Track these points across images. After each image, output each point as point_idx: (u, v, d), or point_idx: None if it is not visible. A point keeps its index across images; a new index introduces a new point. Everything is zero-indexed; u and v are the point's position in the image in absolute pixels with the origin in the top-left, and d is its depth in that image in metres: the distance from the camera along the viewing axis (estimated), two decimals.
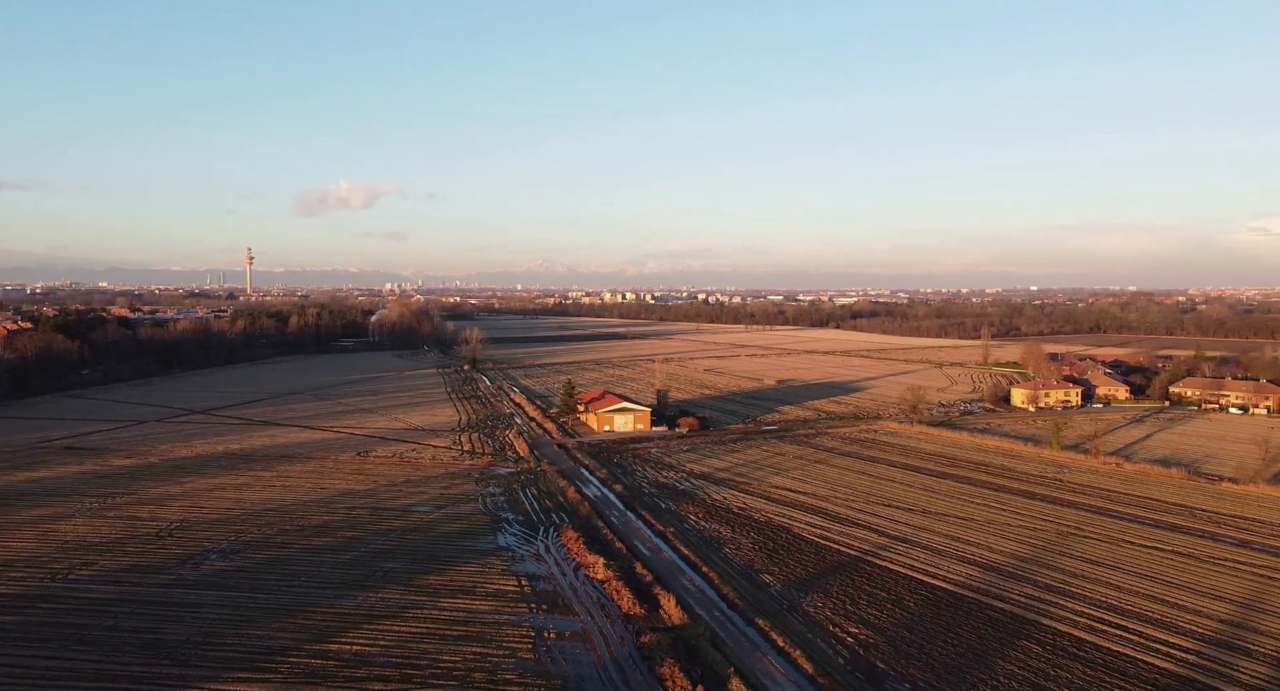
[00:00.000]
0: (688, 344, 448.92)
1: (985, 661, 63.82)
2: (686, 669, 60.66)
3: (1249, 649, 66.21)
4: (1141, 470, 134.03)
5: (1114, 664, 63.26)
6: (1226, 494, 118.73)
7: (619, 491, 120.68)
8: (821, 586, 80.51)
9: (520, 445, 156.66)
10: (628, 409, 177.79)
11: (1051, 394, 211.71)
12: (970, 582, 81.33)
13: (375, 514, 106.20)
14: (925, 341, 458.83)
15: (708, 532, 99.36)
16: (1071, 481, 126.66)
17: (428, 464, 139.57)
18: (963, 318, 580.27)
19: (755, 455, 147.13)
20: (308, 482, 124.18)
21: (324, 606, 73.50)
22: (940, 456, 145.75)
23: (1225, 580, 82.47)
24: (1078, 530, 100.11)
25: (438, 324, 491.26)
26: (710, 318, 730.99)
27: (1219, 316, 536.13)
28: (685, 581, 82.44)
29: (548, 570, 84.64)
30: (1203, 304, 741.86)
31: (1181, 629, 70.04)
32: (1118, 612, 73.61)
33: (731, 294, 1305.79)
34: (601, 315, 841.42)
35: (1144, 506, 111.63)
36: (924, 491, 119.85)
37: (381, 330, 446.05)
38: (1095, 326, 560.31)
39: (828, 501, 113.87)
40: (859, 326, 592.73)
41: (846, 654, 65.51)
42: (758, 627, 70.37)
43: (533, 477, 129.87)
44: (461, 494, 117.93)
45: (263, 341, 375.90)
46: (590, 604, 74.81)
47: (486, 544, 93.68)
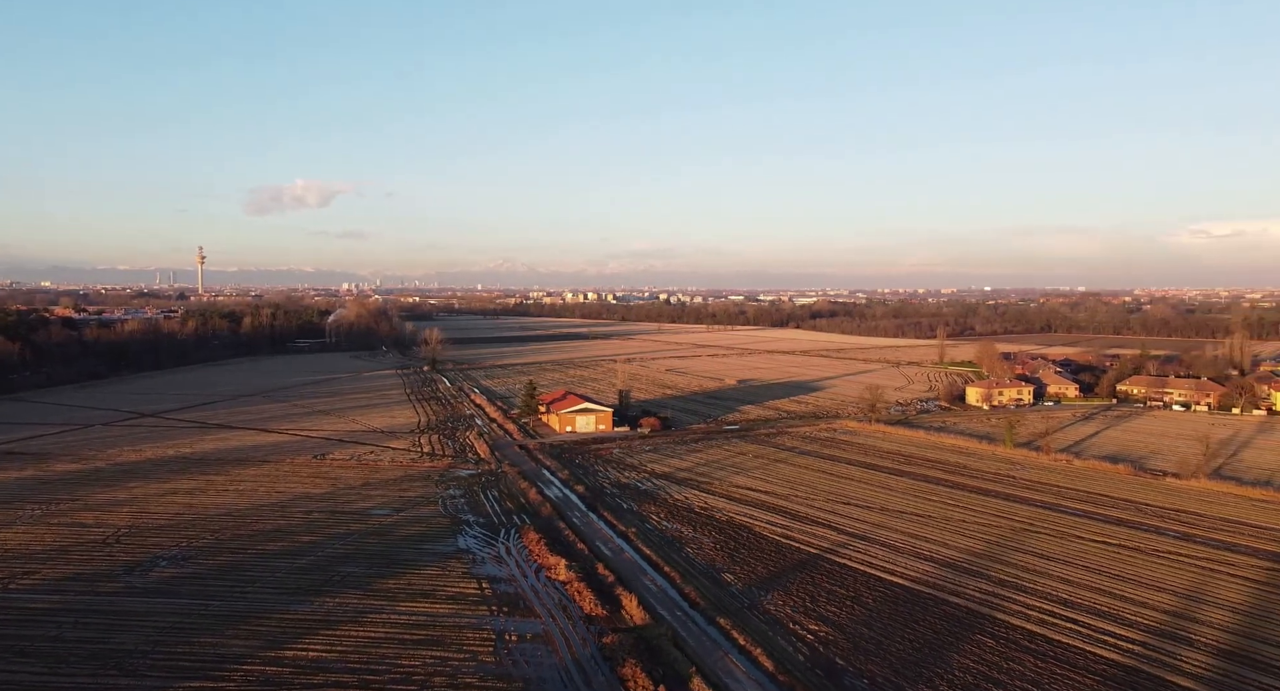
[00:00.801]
0: (649, 344, 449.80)
1: (941, 655, 65.04)
2: (648, 669, 60.76)
3: (1191, 639, 68.47)
4: (1090, 466, 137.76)
5: (1063, 655, 64.94)
6: (1170, 489, 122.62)
7: (581, 492, 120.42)
8: (782, 584, 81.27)
9: (481, 446, 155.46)
10: (590, 409, 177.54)
11: (1005, 392, 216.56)
12: (927, 578, 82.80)
13: (332, 517, 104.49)
14: (883, 341, 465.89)
15: (670, 532, 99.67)
16: (1024, 478, 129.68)
17: (386, 466, 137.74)
18: (919, 318, 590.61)
19: (717, 455, 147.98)
20: (262, 486, 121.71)
21: (279, 612, 72.12)
22: (898, 454, 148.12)
23: (1169, 572, 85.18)
24: (1030, 526, 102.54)
25: (396, 324, 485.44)
26: (672, 318, 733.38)
27: (1163, 316, 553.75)
28: (647, 581, 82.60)
29: (509, 572, 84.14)
30: (1148, 304, 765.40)
31: (1127, 620, 72.17)
32: (1068, 605, 75.57)
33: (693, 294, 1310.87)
34: (563, 315, 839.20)
35: (1093, 502, 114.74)
36: (882, 489, 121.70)
37: (339, 331, 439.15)
38: (1046, 326, 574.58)
39: (788, 500, 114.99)
40: (819, 326, 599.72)
41: (806, 651, 66.24)
42: (719, 626, 70.79)
43: (494, 479, 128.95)
44: (421, 496, 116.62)
45: (215, 342, 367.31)
46: (552, 605, 74.55)
47: (447, 546, 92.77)
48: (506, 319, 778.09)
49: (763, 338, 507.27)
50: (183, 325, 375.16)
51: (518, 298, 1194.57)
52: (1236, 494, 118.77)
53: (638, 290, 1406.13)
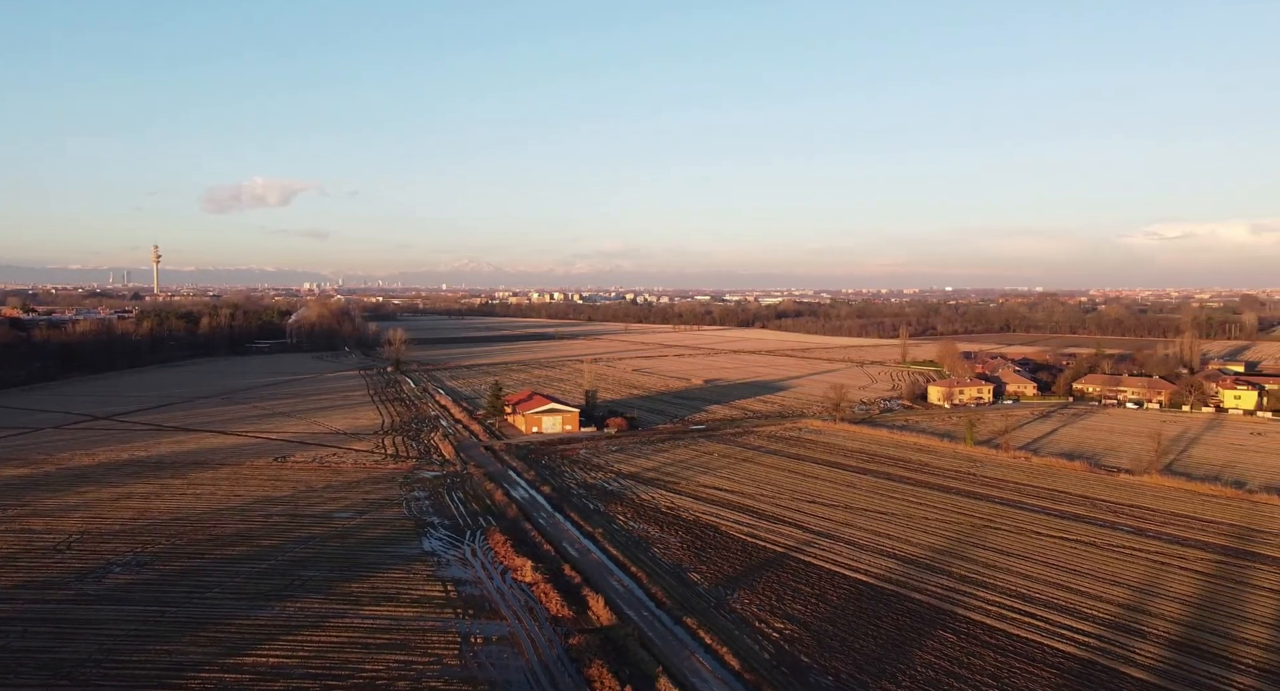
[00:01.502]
0: (616, 344, 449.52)
1: (904, 651, 65.90)
2: (615, 669, 60.68)
3: (1144, 631, 70.25)
4: (1048, 463, 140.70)
5: (1022, 649, 66.21)
6: (1124, 485, 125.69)
7: (547, 493, 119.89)
8: (748, 583, 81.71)
9: (446, 448, 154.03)
10: (556, 410, 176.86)
11: (966, 391, 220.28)
12: (890, 575, 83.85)
13: (294, 521, 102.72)
14: (847, 341, 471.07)
15: (636, 532, 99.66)
16: (984, 475, 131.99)
17: (349, 468, 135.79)
18: (882, 317, 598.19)
19: (683, 454, 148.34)
20: (221, 490, 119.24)
21: (238, 618, 70.69)
22: (862, 453, 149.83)
23: (1123, 566, 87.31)
24: (990, 522, 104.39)
25: (359, 324, 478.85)
26: (638, 318, 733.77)
27: (1117, 316, 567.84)
28: (614, 582, 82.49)
29: (474, 574, 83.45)
30: (1102, 304, 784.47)
31: (1084, 614, 73.80)
32: (1027, 600, 77.05)
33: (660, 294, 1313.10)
34: (529, 315, 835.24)
35: (1050, 498, 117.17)
36: (846, 487, 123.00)
37: (300, 331, 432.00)
38: (1005, 326, 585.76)
39: (754, 499, 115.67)
40: (784, 326, 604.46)
41: (772, 649, 66.66)
42: (685, 626, 70.94)
43: (459, 480, 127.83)
44: (385, 498, 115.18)
45: (172, 343, 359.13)
46: (518, 607, 74.10)
47: (411, 549, 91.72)
48: (472, 319, 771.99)
49: (729, 337, 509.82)
50: (138, 325, 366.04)
51: (483, 298, 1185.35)
52: (1187, 489, 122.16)
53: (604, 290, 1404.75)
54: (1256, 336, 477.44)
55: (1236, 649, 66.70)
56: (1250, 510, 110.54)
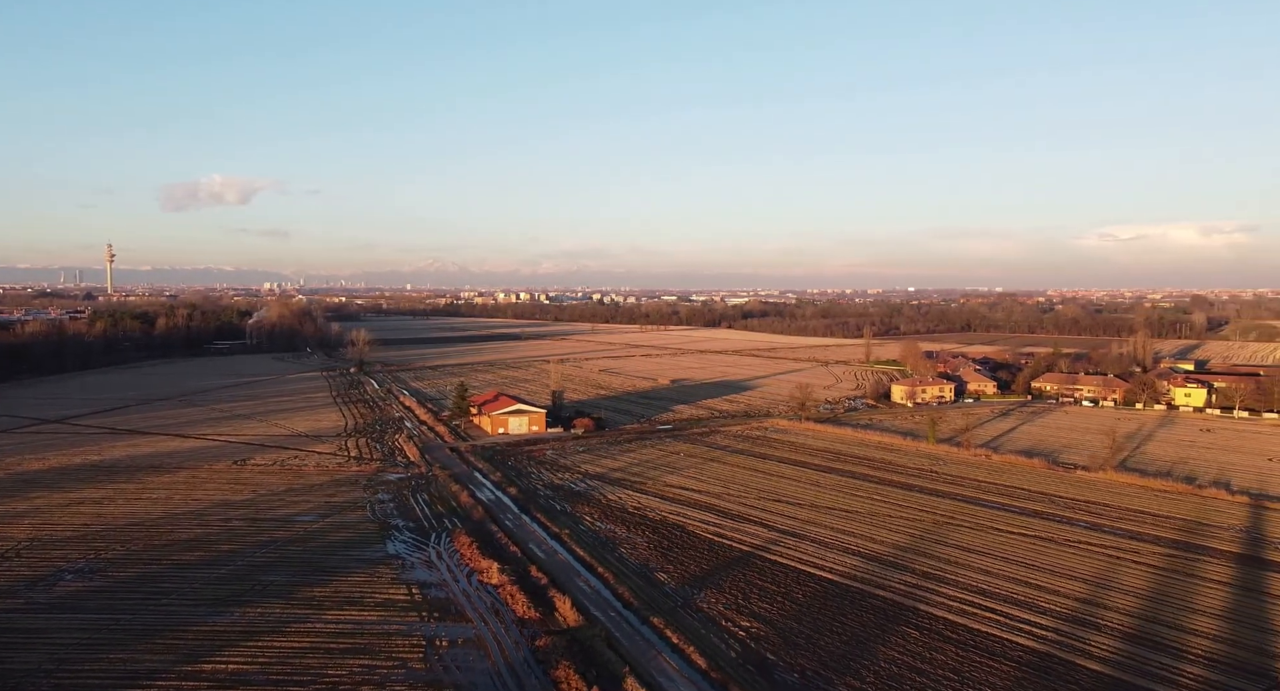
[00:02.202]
0: (583, 344, 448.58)
1: (868, 648, 66.70)
2: (582, 670, 60.54)
3: (1099, 624, 71.95)
4: (1008, 461, 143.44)
5: (983, 644, 67.41)
6: (1081, 481, 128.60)
7: (513, 494, 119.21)
8: (715, 582, 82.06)
9: (410, 449, 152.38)
10: (522, 410, 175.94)
11: (928, 390, 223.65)
12: (854, 573, 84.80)
13: (254, 525, 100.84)
14: (812, 340, 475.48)
15: (603, 533, 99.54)
16: (946, 473, 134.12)
17: (311, 471, 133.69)
18: (847, 317, 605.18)
19: (650, 454, 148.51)
20: (178, 494, 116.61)
21: (196, 624, 69.20)
22: (827, 452, 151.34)
23: (1080, 561, 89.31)
24: (951, 519, 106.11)
25: (322, 325, 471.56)
26: (605, 318, 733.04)
27: (1073, 316, 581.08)
28: (581, 582, 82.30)
29: (440, 577, 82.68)
30: (1059, 304, 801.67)
31: (1042, 608, 75.36)
32: (987, 595, 78.46)
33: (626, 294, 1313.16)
34: (495, 315, 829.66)
35: (1010, 495, 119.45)
36: (811, 486, 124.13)
37: (260, 332, 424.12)
38: (966, 325, 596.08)
39: (720, 498, 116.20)
40: (750, 326, 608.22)
41: (738, 647, 67.03)
42: (652, 625, 71.03)
43: (424, 482, 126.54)
44: (348, 501, 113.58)
45: (126, 344, 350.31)
46: (484, 609, 73.57)
47: (375, 552, 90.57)
48: (437, 319, 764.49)
49: (696, 337, 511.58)
50: (90, 326, 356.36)
51: (448, 298, 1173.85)
52: (1140, 485, 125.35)
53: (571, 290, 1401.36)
54: (1205, 336, 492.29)
55: (1186, 639, 68.62)
56: (1200, 505, 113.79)
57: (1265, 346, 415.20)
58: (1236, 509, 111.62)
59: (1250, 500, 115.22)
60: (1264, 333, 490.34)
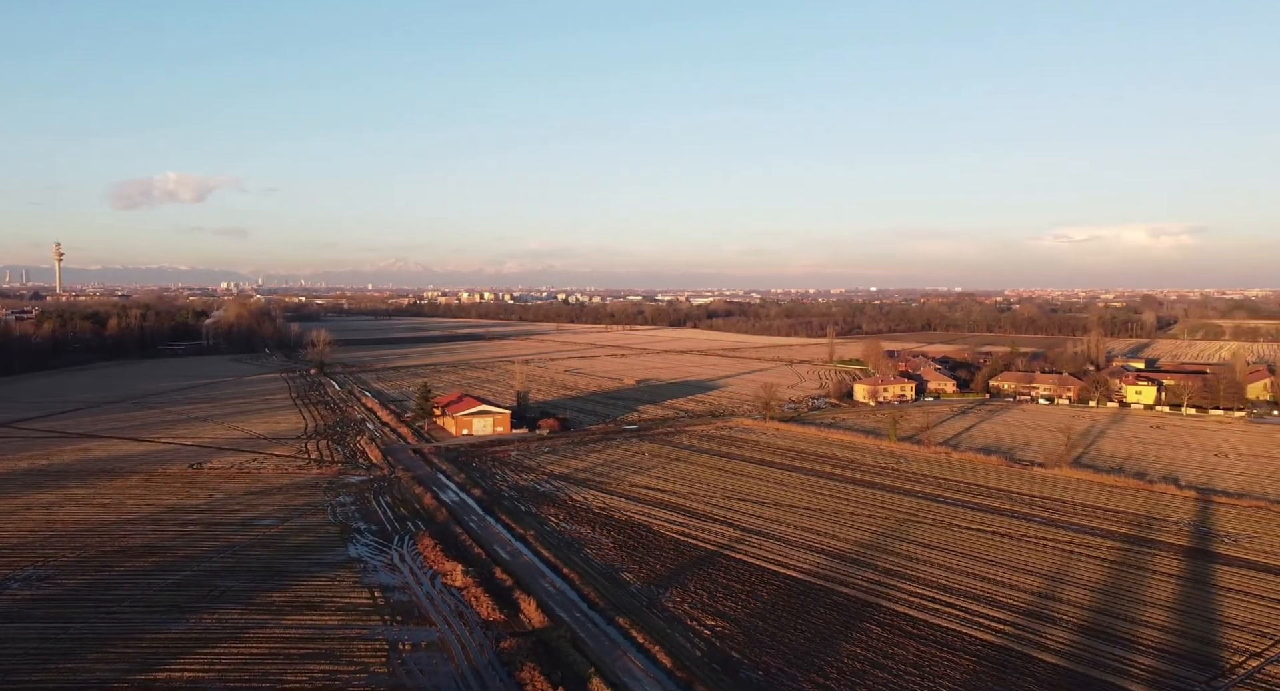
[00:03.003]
0: (548, 344, 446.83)
1: (831, 644, 67.42)
2: (547, 671, 60.28)
3: (1055, 617, 73.58)
4: (967, 458, 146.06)
5: (943, 639, 68.53)
6: (1037, 477, 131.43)
7: (478, 495, 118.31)
8: (680, 581, 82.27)
9: (373, 451, 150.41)
10: (487, 411, 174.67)
11: (889, 389, 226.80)
12: (818, 570, 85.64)
13: (210, 529, 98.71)
14: (777, 340, 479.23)
15: (569, 534, 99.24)
16: (907, 470, 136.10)
17: (270, 474, 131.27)
18: (810, 317, 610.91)
19: (616, 454, 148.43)
20: (131, 499, 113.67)
21: (150, 632, 67.50)
22: (791, 450, 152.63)
23: (1036, 556, 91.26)
24: (913, 516, 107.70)
25: (281, 325, 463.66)
26: (570, 318, 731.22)
27: (1030, 316, 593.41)
28: (546, 584, 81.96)
29: (403, 580, 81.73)
30: (1016, 304, 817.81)
31: (1000, 603, 76.85)
32: (947, 591, 79.78)
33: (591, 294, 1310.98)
34: (459, 316, 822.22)
35: (969, 491, 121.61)
36: (776, 485, 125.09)
37: (217, 332, 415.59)
38: (926, 325, 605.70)
39: (686, 498, 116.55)
40: (715, 326, 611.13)
41: (704, 646, 67.28)
42: (618, 626, 70.99)
43: (386, 485, 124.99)
44: (308, 504, 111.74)
45: (77, 345, 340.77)
46: (448, 612, 72.89)
47: (336, 556, 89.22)
48: (399, 320, 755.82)
49: (661, 337, 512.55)
50: (38, 327, 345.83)
51: (411, 298, 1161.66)
52: (1094, 480, 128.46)
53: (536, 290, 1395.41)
54: (1155, 335, 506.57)
55: (1137, 631, 70.49)
56: (1150, 499, 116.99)
57: (1211, 345, 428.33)
58: (1185, 503, 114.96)
59: (1198, 495, 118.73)
60: (1210, 332, 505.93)
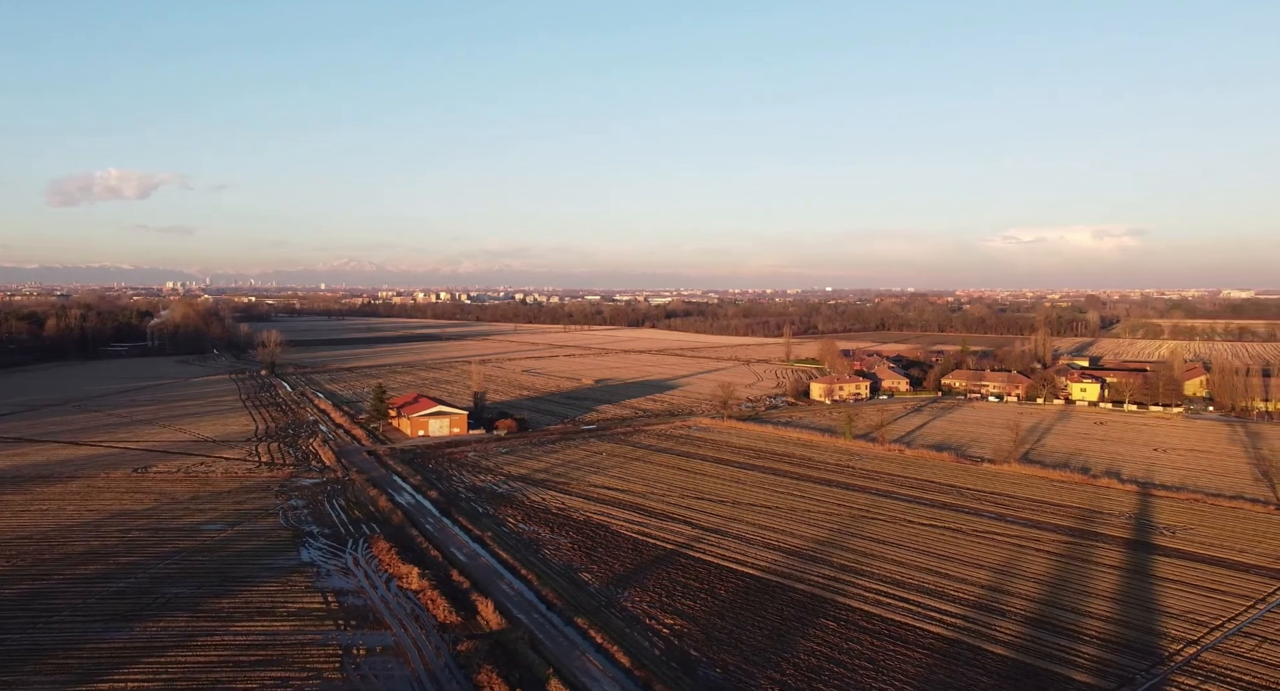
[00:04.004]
0: (505, 344, 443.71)
1: (787, 640, 68.14)
2: (504, 673, 59.89)
3: (1004, 610, 75.40)
4: (919, 455, 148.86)
5: (896, 633, 69.76)
6: (987, 473, 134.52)
7: (434, 497, 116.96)
8: (639, 581, 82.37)
9: (326, 454, 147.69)
10: (443, 412, 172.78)
11: (845, 387, 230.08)
12: (775, 567, 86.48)
13: (156, 535, 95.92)
14: (734, 340, 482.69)
15: (527, 535, 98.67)
16: (862, 468, 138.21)
17: (219, 478, 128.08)
18: (767, 317, 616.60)
19: (574, 455, 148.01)
20: (71, 505, 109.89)
21: (92, 642, 65.33)
22: (748, 449, 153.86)
23: (986, 550, 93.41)
24: (867, 512, 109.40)
25: (229, 326, 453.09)
26: (528, 318, 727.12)
27: (980, 315, 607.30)
28: (504, 585, 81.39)
29: (357, 584, 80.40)
30: (967, 304, 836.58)
31: (951, 596, 78.49)
32: (900, 586, 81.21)
33: (549, 294, 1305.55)
34: (414, 316, 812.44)
35: (922, 488, 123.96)
36: (734, 483, 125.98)
37: (163, 333, 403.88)
38: (880, 324, 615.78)
39: (645, 497, 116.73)
40: (673, 326, 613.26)
41: (662, 645, 67.45)
42: (576, 626, 70.81)
43: (340, 487, 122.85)
44: (259, 508, 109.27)
45: (12, 347, 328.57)
46: (404, 615, 71.92)
47: (288, 560, 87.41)
48: (353, 320, 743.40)
49: (619, 337, 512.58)
50: None
51: (365, 298, 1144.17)
52: (1041, 476, 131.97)
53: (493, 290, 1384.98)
54: (1099, 334, 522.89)
55: (1082, 622, 72.61)
56: (1094, 494, 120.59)
57: (1151, 344, 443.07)
58: (1127, 497, 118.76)
59: (1139, 488, 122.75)
60: (1150, 331, 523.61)
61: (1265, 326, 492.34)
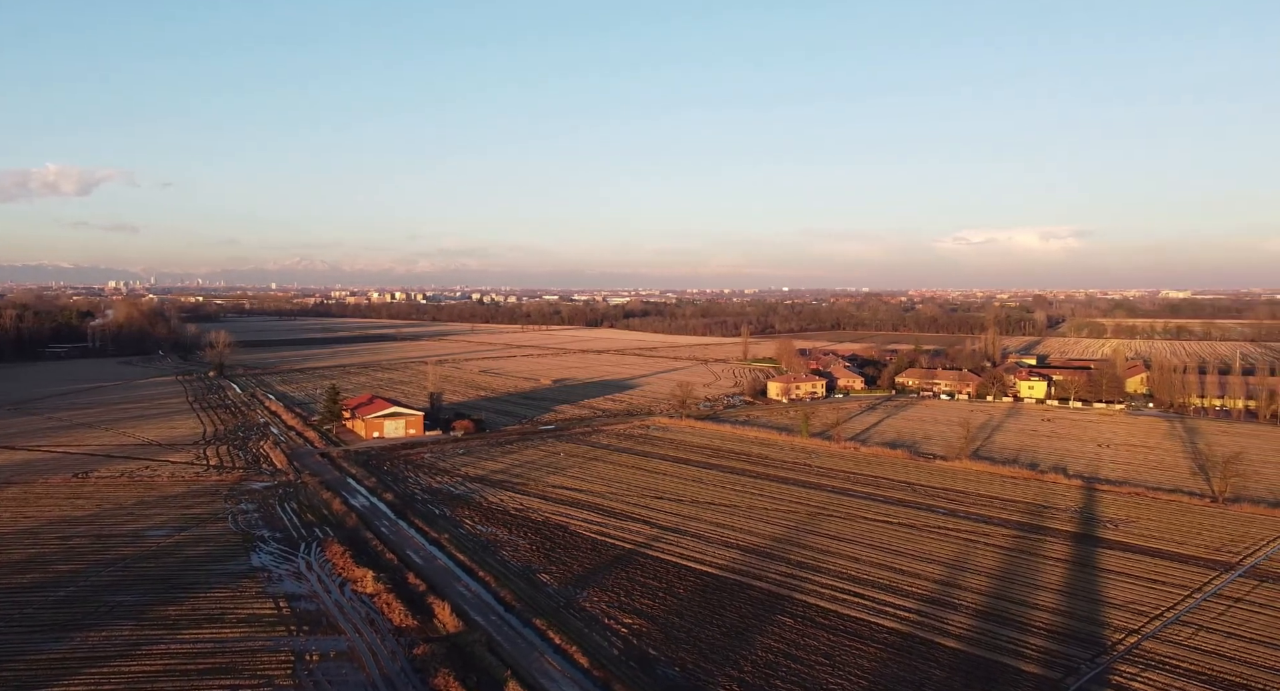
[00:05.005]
0: (462, 345, 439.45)
1: (746, 638, 68.68)
2: (462, 677, 59.34)
3: (955, 604, 77.04)
4: (874, 452, 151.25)
5: (852, 628, 70.80)
6: (939, 470, 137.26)
7: (390, 500, 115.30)
8: (598, 581, 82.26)
9: (277, 456, 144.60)
10: (399, 413, 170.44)
11: (802, 386, 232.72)
12: (733, 565, 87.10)
13: (98, 542, 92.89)
14: (693, 339, 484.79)
15: (484, 536, 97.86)
16: (818, 465, 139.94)
17: (165, 482, 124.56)
18: (725, 316, 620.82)
19: (532, 455, 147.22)
20: (7, 512, 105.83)
21: (29, 654, 62.98)
22: (707, 448, 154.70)
23: (938, 545, 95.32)
24: (824, 510, 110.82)
25: (176, 326, 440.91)
26: (485, 318, 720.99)
27: (932, 315, 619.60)
28: (461, 587, 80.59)
29: (310, 588, 78.87)
30: (920, 303, 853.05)
31: (905, 591, 79.92)
32: (856, 582, 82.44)
33: (507, 294, 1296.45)
34: (369, 316, 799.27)
35: (876, 485, 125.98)
36: (693, 482, 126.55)
37: (105, 334, 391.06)
38: (836, 324, 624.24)
39: (604, 497, 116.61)
40: (632, 326, 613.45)
41: (621, 644, 67.46)
42: (535, 627, 70.45)
43: (292, 490, 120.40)
44: (208, 513, 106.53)
45: None
46: (358, 620, 70.75)
47: (238, 565, 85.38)
48: (305, 320, 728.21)
49: (578, 337, 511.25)
50: None
51: (318, 297, 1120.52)
52: (991, 472, 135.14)
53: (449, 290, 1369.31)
54: (1046, 333, 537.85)
55: (1030, 614, 74.54)
56: (1042, 489, 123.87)
57: (1095, 342, 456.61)
58: (1073, 491, 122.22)
59: (1084, 483, 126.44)
60: (1094, 330, 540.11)
61: (1201, 326, 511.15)
